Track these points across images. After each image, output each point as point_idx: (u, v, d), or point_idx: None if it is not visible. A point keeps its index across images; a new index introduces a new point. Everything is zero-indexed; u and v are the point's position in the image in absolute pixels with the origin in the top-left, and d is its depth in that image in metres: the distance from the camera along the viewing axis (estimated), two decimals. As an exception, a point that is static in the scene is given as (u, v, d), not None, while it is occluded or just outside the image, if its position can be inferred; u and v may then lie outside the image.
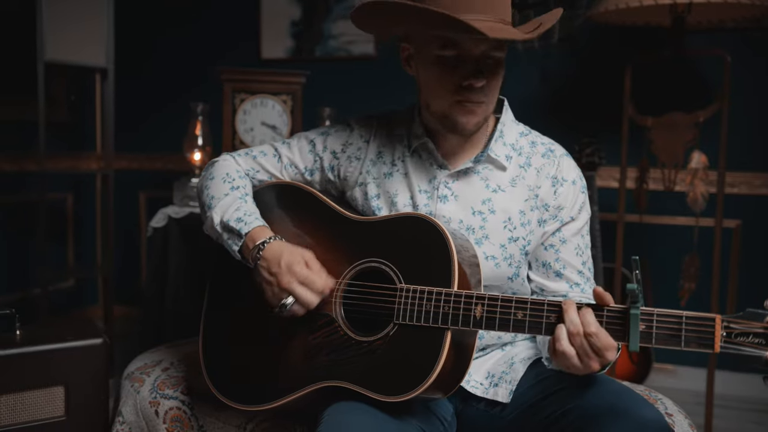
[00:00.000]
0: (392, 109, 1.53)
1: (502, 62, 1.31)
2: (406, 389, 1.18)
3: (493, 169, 1.40)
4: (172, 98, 3.75)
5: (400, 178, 1.43)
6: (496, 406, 1.36)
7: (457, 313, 1.19)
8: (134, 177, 3.84)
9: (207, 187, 1.48)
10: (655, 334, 1.05)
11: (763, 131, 2.87)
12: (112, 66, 3.03)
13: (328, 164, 1.51)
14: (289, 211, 1.46)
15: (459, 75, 1.27)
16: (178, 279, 2.57)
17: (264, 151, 1.55)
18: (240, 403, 1.39)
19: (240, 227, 1.35)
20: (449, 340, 1.19)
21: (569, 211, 1.39)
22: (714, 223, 2.46)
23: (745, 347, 1.00)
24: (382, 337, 1.25)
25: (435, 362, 1.17)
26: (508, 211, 1.37)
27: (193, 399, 1.61)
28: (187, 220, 2.58)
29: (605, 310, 1.10)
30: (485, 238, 1.36)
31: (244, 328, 1.44)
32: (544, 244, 1.40)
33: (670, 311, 1.05)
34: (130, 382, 1.71)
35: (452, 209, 1.38)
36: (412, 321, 1.22)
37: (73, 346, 1.73)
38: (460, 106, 1.30)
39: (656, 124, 2.47)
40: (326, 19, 3.47)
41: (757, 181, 2.91)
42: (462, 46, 1.26)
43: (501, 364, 1.40)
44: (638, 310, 1.06)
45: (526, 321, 1.15)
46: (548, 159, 1.41)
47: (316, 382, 1.29)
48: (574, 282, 1.41)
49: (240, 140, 2.71)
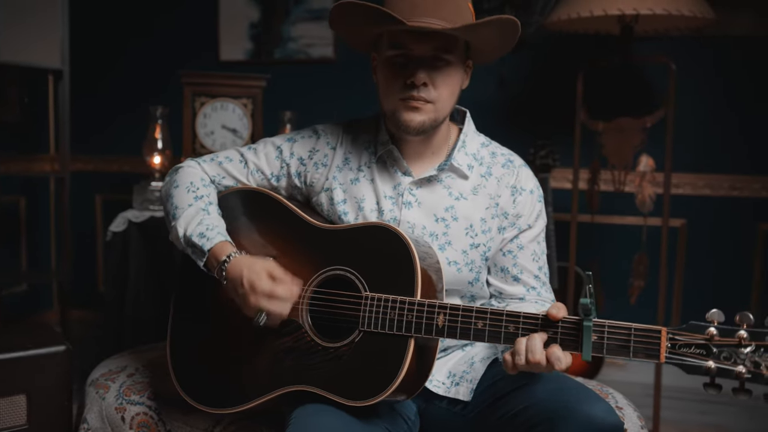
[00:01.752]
0: (357, 117, 1.57)
1: (452, 65, 1.36)
2: (371, 394, 1.22)
3: (456, 178, 1.45)
4: (128, 101, 3.71)
5: (366, 184, 1.46)
6: (458, 404, 1.42)
7: (420, 321, 1.24)
8: (89, 179, 3.78)
9: (171, 196, 1.48)
10: (606, 345, 1.12)
11: (706, 135, 3.01)
12: (68, 68, 2.98)
13: (294, 170, 1.53)
14: (255, 218, 1.48)
15: (404, 74, 1.34)
16: (138, 283, 2.55)
17: (230, 156, 1.56)
18: (208, 406, 1.41)
19: (202, 243, 1.37)
20: (413, 347, 1.24)
21: (527, 219, 1.46)
22: (661, 222, 2.58)
23: (688, 357, 1.08)
24: (347, 344, 1.29)
25: (399, 368, 1.22)
26: (470, 218, 1.42)
27: (160, 404, 1.62)
28: (148, 224, 2.56)
29: (560, 322, 1.16)
30: (448, 244, 1.41)
31: (212, 333, 1.46)
32: (503, 250, 1.46)
33: (620, 323, 1.12)
34: (95, 389, 1.71)
35: (416, 215, 1.42)
36: (377, 329, 1.26)
37: (36, 354, 1.72)
38: (404, 103, 1.36)
39: (607, 128, 2.57)
40: (285, 22, 3.48)
41: (701, 182, 3.05)
42: (407, 47, 1.34)
43: (462, 364, 1.46)
44: (591, 322, 1.12)
45: (486, 330, 1.21)
46: (508, 169, 1.47)
47: (283, 387, 1.32)
48: (530, 286, 1.47)
49: (201, 143, 2.71)
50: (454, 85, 1.39)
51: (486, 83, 3.15)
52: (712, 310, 1.08)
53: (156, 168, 2.72)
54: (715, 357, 1.07)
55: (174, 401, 1.62)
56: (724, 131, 3.01)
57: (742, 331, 1.06)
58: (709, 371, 1.06)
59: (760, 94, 2.93)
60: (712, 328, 1.08)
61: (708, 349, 1.07)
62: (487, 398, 1.37)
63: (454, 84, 1.39)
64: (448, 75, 1.36)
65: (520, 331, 1.18)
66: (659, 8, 2.21)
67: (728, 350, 1.06)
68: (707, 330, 1.08)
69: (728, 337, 1.07)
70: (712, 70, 2.98)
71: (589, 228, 2.98)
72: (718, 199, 3.04)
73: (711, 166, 3.03)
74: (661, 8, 2.21)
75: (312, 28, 3.45)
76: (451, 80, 1.37)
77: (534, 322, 1.18)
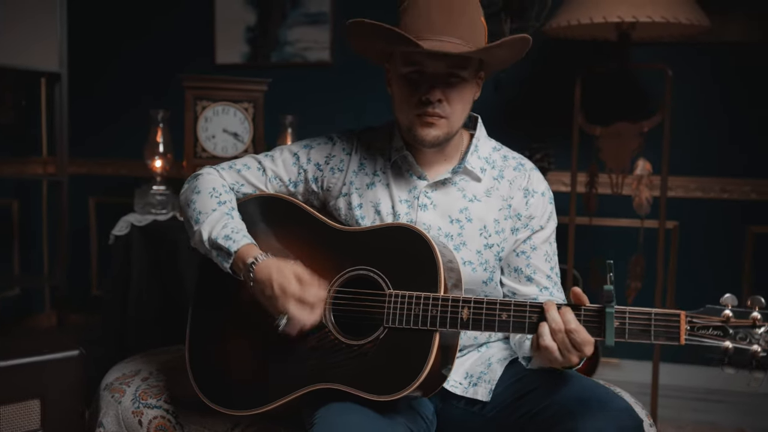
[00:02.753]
0: (371, 125, 1.62)
1: (466, 80, 1.40)
2: (397, 388, 1.25)
3: (469, 181, 1.49)
4: (123, 104, 3.70)
5: (382, 188, 1.50)
6: (475, 404, 1.44)
7: (445, 315, 1.27)
8: (83, 182, 3.76)
9: (193, 201, 1.49)
10: (628, 330, 1.17)
11: (697, 139, 3.08)
12: (66, 71, 2.97)
13: (312, 175, 1.56)
14: (276, 224, 1.50)
15: (419, 91, 1.38)
16: (141, 286, 2.55)
17: (247, 164, 1.58)
18: (230, 408, 1.42)
19: (229, 245, 1.38)
20: (438, 341, 1.27)
21: (539, 220, 1.50)
22: (657, 224, 2.63)
23: (706, 339, 1.14)
24: (372, 341, 1.31)
25: (425, 362, 1.25)
26: (483, 219, 1.46)
27: (177, 407, 1.63)
28: (151, 228, 2.57)
29: (582, 309, 1.21)
30: (462, 245, 1.45)
31: (233, 334, 1.47)
32: (516, 251, 1.50)
33: (641, 309, 1.18)
34: (110, 393, 1.71)
35: (431, 217, 1.46)
36: (402, 324, 1.29)
37: (50, 358, 1.73)
38: (419, 119, 1.40)
39: (604, 133, 2.63)
40: (282, 25, 3.50)
41: (692, 185, 3.12)
42: (421, 64, 1.37)
43: (479, 365, 1.48)
44: (613, 309, 1.17)
45: (510, 321, 1.25)
46: (519, 172, 1.52)
47: (308, 385, 1.34)
48: (543, 286, 1.50)
49: (202, 147, 2.71)
50: (468, 99, 1.44)
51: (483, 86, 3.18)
52: (726, 295, 1.14)
53: (157, 172, 2.72)
54: (731, 338, 1.12)
55: (191, 404, 1.63)
56: (715, 135, 3.08)
57: (756, 313, 1.12)
58: (727, 351, 1.12)
59: (750, 99, 3.01)
60: (728, 310, 1.13)
61: (725, 331, 1.13)
62: (507, 398, 1.40)
63: (467, 98, 1.43)
64: (462, 90, 1.40)
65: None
66: (657, 16, 2.27)
67: (744, 331, 1.12)
68: (723, 312, 1.13)
69: (743, 319, 1.12)
70: (704, 75, 3.04)
71: (587, 230, 3.03)
72: (709, 201, 3.11)
73: (702, 170, 3.10)
74: (659, 16, 2.27)
75: (309, 31, 3.47)
76: (464, 95, 1.42)
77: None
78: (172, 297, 2.57)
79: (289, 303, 1.31)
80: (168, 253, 2.54)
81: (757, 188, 3.04)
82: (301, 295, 1.31)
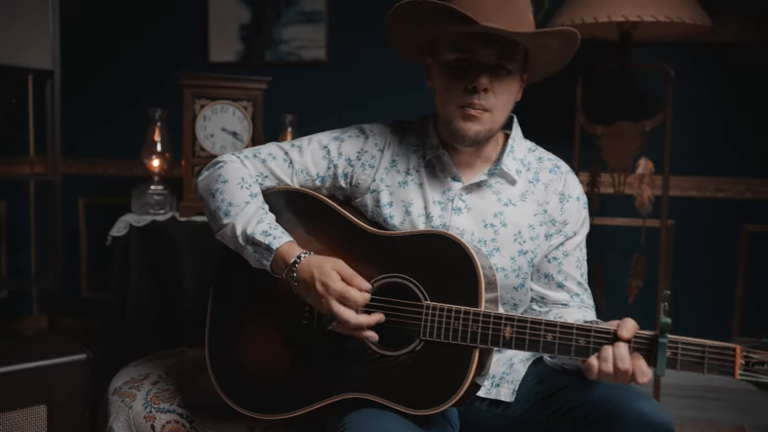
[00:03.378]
0: (402, 119, 1.56)
1: (512, 75, 1.36)
2: (434, 403, 1.22)
3: (504, 183, 1.45)
4: (114, 102, 3.62)
5: (414, 188, 1.45)
6: (498, 405, 1.43)
7: (486, 332, 1.23)
8: (73, 183, 3.67)
9: (220, 192, 1.42)
10: (680, 361, 1.16)
11: (693, 138, 3.09)
12: (59, 69, 2.91)
13: (342, 171, 1.50)
14: (306, 222, 1.44)
15: (466, 79, 1.33)
16: (141, 288, 2.50)
17: (273, 153, 1.51)
18: (256, 412, 1.38)
19: (269, 242, 1.33)
20: (477, 357, 1.23)
21: (573, 226, 1.47)
22: (658, 223, 2.65)
23: (761, 375, 1.13)
24: (408, 352, 1.27)
25: (464, 377, 1.22)
26: (518, 224, 1.42)
27: (191, 411, 1.60)
28: (149, 229, 2.52)
29: (633, 337, 1.18)
30: (496, 251, 1.41)
31: (259, 335, 1.42)
32: (548, 257, 1.47)
33: (694, 340, 1.16)
34: (120, 397, 1.68)
35: (465, 221, 1.41)
36: (440, 338, 1.25)
37: (56, 363, 1.67)
38: (461, 111, 1.35)
39: (606, 132, 2.63)
40: (277, 24, 3.46)
41: (687, 184, 3.14)
42: (470, 51, 1.32)
43: (500, 365, 1.46)
44: (666, 339, 1.15)
45: (555, 343, 1.21)
46: (555, 175, 1.47)
47: (339, 394, 1.30)
48: (574, 292, 1.48)
49: (200, 146, 2.67)
50: (512, 95, 1.39)
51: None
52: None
53: (155, 171, 2.67)
54: None
55: (205, 408, 1.60)
56: (709, 135, 3.09)
57: None
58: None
59: (745, 99, 3.03)
60: None
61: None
62: (532, 398, 1.39)
63: (511, 94, 1.39)
64: (507, 85, 1.36)
65: (591, 344, 1.19)
66: (662, 15, 2.27)
67: None
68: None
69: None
70: (701, 75, 3.06)
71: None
72: (704, 200, 3.13)
73: (698, 169, 3.12)
74: (664, 15, 2.27)
75: (304, 30, 3.43)
76: (509, 90, 1.37)
77: (606, 336, 1.18)
78: (171, 299, 2.52)
79: (332, 301, 1.27)
80: (168, 254, 2.49)
81: (752, 187, 3.07)
82: (343, 292, 1.26)
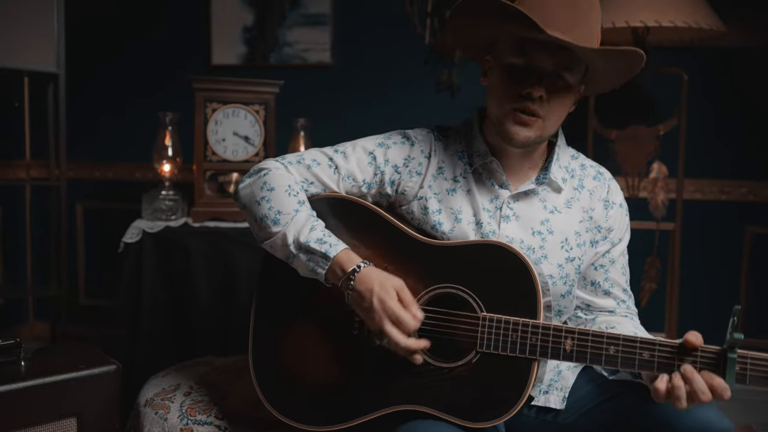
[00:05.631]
0: (441, 124, 1.55)
1: (569, 87, 1.34)
2: (492, 416, 1.21)
3: (550, 191, 1.44)
4: (114, 106, 3.56)
5: (463, 195, 1.43)
6: (548, 413, 1.42)
7: (546, 345, 1.22)
8: (70, 187, 3.59)
9: (266, 200, 1.39)
10: (749, 376, 1.13)
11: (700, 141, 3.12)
12: (63, 71, 2.85)
13: (389, 178, 1.47)
14: (355, 230, 1.41)
15: (522, 84, 1.31)
16: (154, 295, 2.46)
17: (317, 160, 1.47)
18: (304, 423, 1.35)
19: (325, 249, 1.31)
20: (536, 370, 1.22)
21: (618, 232, 1.47)
22: (672, 227, 2.67)
23: None
24: (464, 364, 1.26)
25: (522, 390, 1.21)
26: (565, 231, 1.41)
27: (230, 423, 1.56)
28: (163, 235, 2.47)
29: (699, 352, 1.16)
30: (544, 258, 1.40)
31: (308, 344, 1.40)
32: (594, 264, 1.46)
33: (762, 355, 1.13)
34: (153, 410, 1.64)
35: (514, 229, 1.40)
36: (497, 350, 1.24)
37: (87, 375, 1.62)
38: (513, 114, 1.33)
39: (620, 136, 2.64)
40: (281, 26, 3.42)
41: (691, 187, 3.17)
42: (531, 56, 1.30)
43: (548, 372, 1.45)
44: (735, 354, 1.13)
45: (618, 357, 1.19)
46: (599, 182, 1.47)
47: (393, 405, 1.29)
48: (621, 299, 1.48)
49: (212, 151, 2.63)
50: (566, 107, 1.37)
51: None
52: None
53: (166, 176, 2.62)
54: None
55: (244, 419, 1.57)
56: (714, 138, 3.13)
57: None
58: None
59: (745, 103, 3.06)
60: None
61: None
62: (588, 402, 1.38)
63: (565, 106, 1.37)
64: (563, 96, 1.34)
65: (656, 359, 1.17)
66: (680, 21, 2.29)
67: None
68: None
69: None
70: (708, 79, 3.08)
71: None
72: (707, 203, 3.16)
73: (701, 172, 3.14)
74: (682, 21, 2.29)
75: (308, 32, 3.40)
76: (565, 101, 1.35)
77: (671, 350, 1.17)
78: (184, 307, 2.48)
79: (385, 321, 1.25)
80: (181, 261, 2.45)
81: (754, 190, 3.11)
82: (399, 315, 1.24)
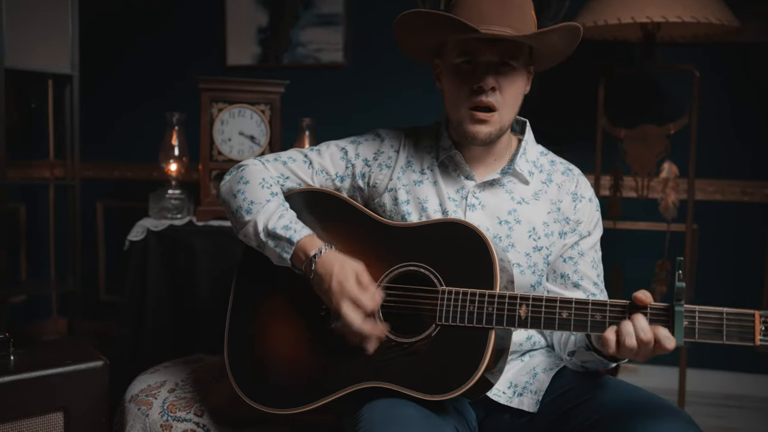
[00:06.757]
0: (417, 124, 1.62)
1: (518, 70, 1.39)
2: (451, 387, 1.21)
3: (517, 183, 1.48)
4: (130, 106, 3.63)
5: (429, 186, 1.48)
6: (522, 416, 1.40)
7: (502, 313, 1.24)
8: (90, 187, 3.69)
9: (241, 192, 1.47)
10: (698, 330, 1.12)
11: (717, 141, 3.03)
12: (77, 73, 2.91)
13: (359, 171, 1.55)
14: (324, 217, 1.47)
15: (472, 80, 1.37)
16: (159, 293, 2.49)
17: (293, 157, 1.57)
18: (274, 407, 1.37)
19: (290, 235, 1.36)
20: (493, 340, 1.23)
21: (587, 225, 1.48)
22: (683, 228, 2.59)
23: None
24: (424, 338, 1.28)
25: (480, 361, 1.21)
26: (532, 221, 1.44)
27: (209, 420, 1.58)
28: (167, 233, 2.51)
29: (648, 308, 1.16)
30: (511, 247, 1.42)
31: (277, 331, 1.43)
32: (563, 257, 1.48)
33: (711, 308, 1.13)
34: (136, 405, 1.66)
35: (480, 218, 1.44)
36: (455, 322, 1.26)
37: (74, 370, 1.66)
38: (470, 115, 1.39)
39: (629, 135, 2.58)
40: (294, 26, 3.45)
41: (711, 188, 3.08)
42: (474, 53, 1.36)
43: (523, 374, 1.45)
44: (682, 307, 1.12)
45: (571, 320, 1.20)
46: (568, 177, 1.51)
47: (357, 383, 1.30)
48: (590, 292, 1.48)
49: (218, 150, 2.65)
50: (519, 89, 1.42)
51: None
52: None
53: (173, 175, 2.65)
54: None
55: (223, 416, 1.58)
56: (735, 138, 3.03)
57: None
58: None
59: (762, 99, 2.95)
60: None
61: None
62: (556, 409, 1.36)
63: (518, 89, 1.42)
64: (513, 80, 1.39)
65: (607, 319, 1.18)
66: (687, 16, 2.22)
67: None
68: None
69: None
70: (722, 76, 2.99)
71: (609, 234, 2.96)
72: (728, 204, 3.06)
73: (722, 172, 3.05)
74: (690, 16, 2.22)
75: (321, 33, 3.42)
76: (516, 85, 1.41)
77: (621, 309, 1.18)
78: (187, 304, 2.51)
79: (344, 302, 1.28)
80: (185, 259, 2.48)
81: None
82: (357, 296, 1.28)
